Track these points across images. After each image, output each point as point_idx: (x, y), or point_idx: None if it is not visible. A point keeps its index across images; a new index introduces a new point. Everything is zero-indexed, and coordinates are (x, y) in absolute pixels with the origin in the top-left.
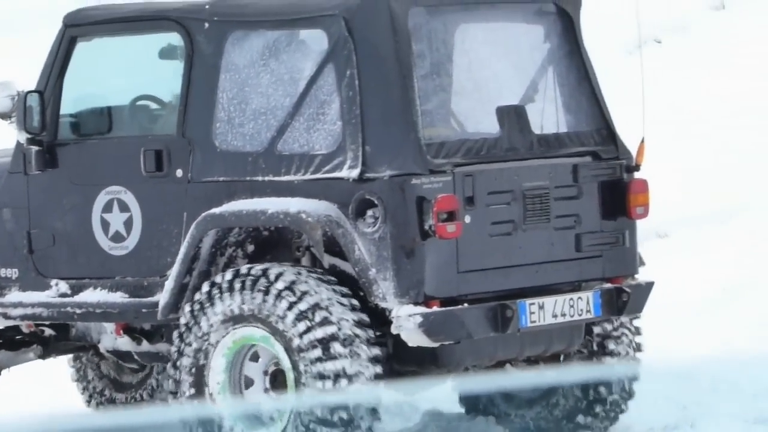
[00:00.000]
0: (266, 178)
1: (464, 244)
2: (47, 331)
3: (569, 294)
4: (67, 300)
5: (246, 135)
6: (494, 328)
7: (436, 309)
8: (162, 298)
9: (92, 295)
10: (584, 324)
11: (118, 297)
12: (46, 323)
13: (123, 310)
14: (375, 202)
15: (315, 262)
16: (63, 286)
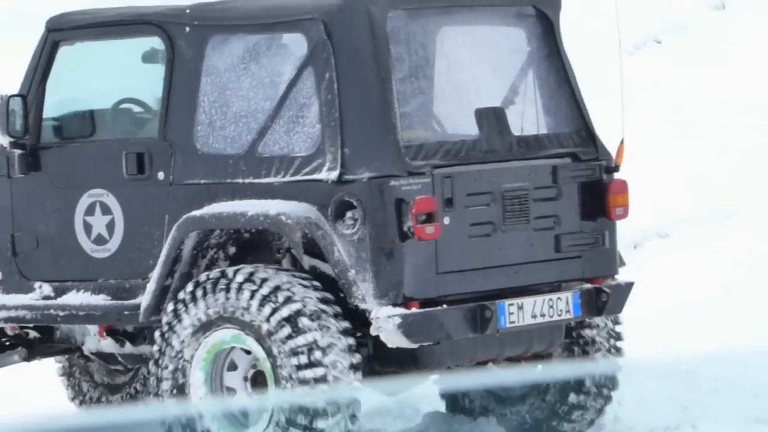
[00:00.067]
0: (246, 181)
1: (443, 245)
2: (32, 334)
3: (548, 294)
4: (51, 302)
5: (226, 138)
6: (473, 329)
7: (415, 310)
8: (144, 301)
9: (75, 298)
10: (564, 324)
11: (101, 299)
12: (30, 326)
13: (105, 313)
14: (354, 203)
15: (296, 263)
16: (46, 289)
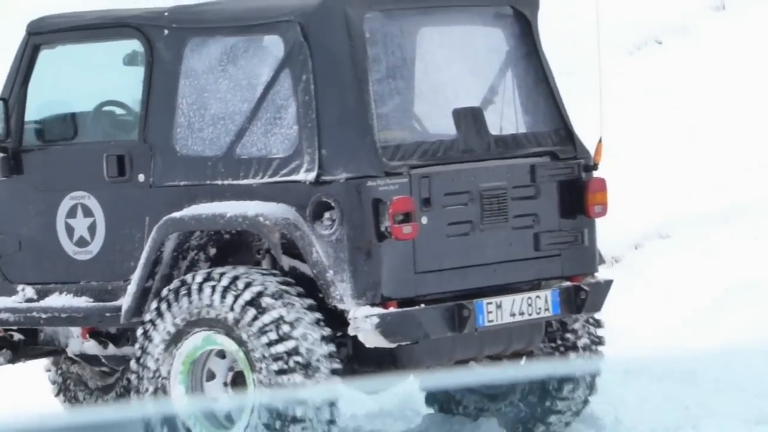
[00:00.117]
0: (225, 182)
1: (421, 245)
2: (16, 336)
3: (527, 293)
4: (34, 305)
5: (205, 140)
6: (451, 328)
7: (393, 310)
8: (125, 302)
9: (58, 300)
10: (545, 322)
11: (83, 301)
12: (14, 328)
13: (88, 315)
14: (332, 204)
15: (275, 264)
16: (29, 291)
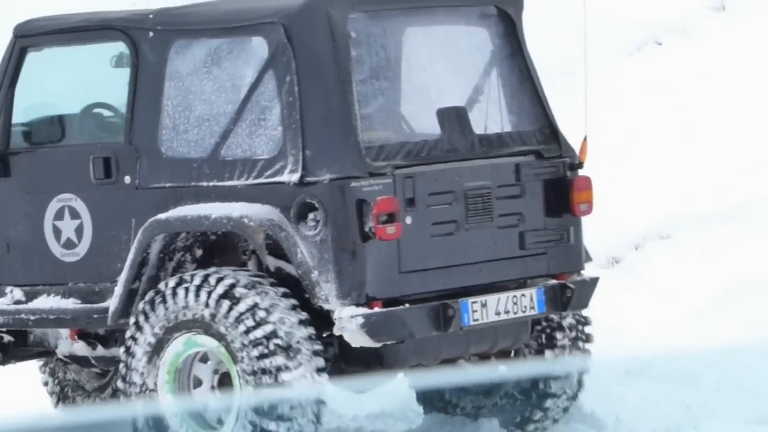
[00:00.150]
0: (210, 184)
1: (406, 244)
2: (6, 338)
3: (512, 291)
4: (22, 307)
5: (190, 141)
6: (436, 327)
7: (378, 310)
8: (112, 304)
9: (46, 302)
10: (530, 321)
11: (71, 303)
12: (4, 330)
13: (76, 316)
14: (316, 205)
15: (261, 265)
16: (18, 293)
